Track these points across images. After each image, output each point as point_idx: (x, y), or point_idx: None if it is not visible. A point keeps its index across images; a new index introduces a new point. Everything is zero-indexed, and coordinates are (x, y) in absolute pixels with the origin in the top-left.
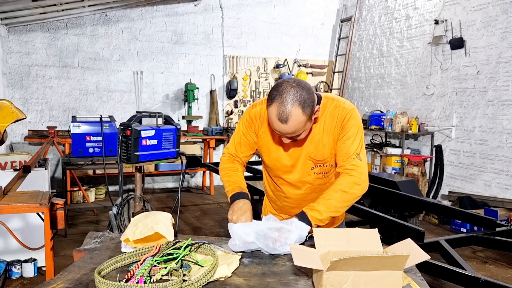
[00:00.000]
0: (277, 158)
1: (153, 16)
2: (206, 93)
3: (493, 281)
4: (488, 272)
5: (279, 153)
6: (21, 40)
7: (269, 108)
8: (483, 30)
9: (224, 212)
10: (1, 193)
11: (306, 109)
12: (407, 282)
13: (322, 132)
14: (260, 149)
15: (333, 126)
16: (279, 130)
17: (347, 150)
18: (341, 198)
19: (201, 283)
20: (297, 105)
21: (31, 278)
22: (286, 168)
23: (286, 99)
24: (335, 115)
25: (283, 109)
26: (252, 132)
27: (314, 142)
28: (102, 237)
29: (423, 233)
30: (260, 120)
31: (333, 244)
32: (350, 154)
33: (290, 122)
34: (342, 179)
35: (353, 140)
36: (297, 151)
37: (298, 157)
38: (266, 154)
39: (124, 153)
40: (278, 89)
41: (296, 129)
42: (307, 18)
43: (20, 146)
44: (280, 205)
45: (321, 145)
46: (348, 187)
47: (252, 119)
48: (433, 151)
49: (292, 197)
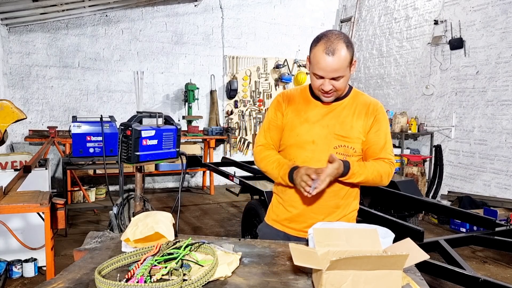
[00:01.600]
0: (299, 133)
1: (153, 17)
2: (206, 93)
3: (493, 280)
4: (487, 271)
5: (302, 129)
6: (21, 40)
7: (315, 48)
8: (482, 30)
9: (224, 212)
10: (2, 193)
11: (349, 48)
12: (406, 281)
13: (352, 114)
14: (284, 127)
15: (365, 113)
16: (325, 66)
17: (384, 144)
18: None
19: (201, 283)
20: (342, 42)
21: (31, 278)
22: (307, 145)
23: (332, 36)
24: (368, 104)
25: (329, 43)
26: (280, 113)
27: (342, 120)
28: (103, 236)
29: (423, 233)
30: (287, 99)
31: (332, 243)
32: (388, 149)
33: (336, 55)
34: (383, 164)
35: (387, 136)
36: (322, 128)
37: (321, 134)
38: (288, 131)
39: (125, 153)
40: (323, 33)
41: (340, 65)
42: (307, 19)
43: (21, 146)
44: (290, 192)
45: (349, 126)
46: (384, 173)
47: (279, 101)
48: (432, 151)
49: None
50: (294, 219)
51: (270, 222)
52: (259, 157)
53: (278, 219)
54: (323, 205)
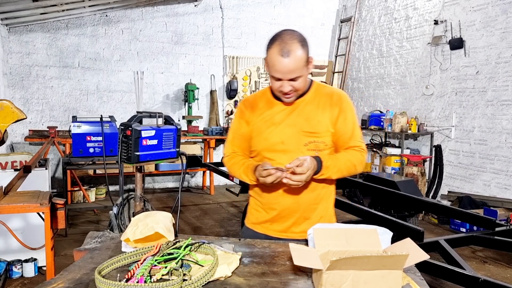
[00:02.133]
0: (267, 137)
1: (153, 17)
2: (206, 93)
3: (493, 280)
4: (487, 271)
5: (269, 132)
6: (21, 40)
7: (270, 50)
8: (482, 30)
9: (224, 211)
10: (2, 193)
11: (304, 47)
12: (406, 281)
13: (316, 108)
14: (251, 135)
15: (330, 105)
16: (281, 68)
17: (352, 132)
18: (348, 168)
19: (201, 283)
20: (296, 42)
21: (31, 278)
22: (277, 147)
23: (285, 37)
24: (331, 95)
25: (283, 45)
26: (243, 121)
27: (307, 116)
28: (103, 236)
29: (423, 233)
30: (250, 106)
31: (332, 243)
32: (357, 137)
33: (291, 56)
34: (354, 153)
35: (355, 124)
36: (289, 127)
37: (290, 134)
38: (256, 137)
39: (125, 153)
40: (276, 34)
41: (297, 66)
42: (307, 19)
43: (21, 146)
44: (268, 195)
45: (316, 121)
46: (357, 161)
47: (242, 110)
48: (432, 151)
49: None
50: (275, 220)
51: (250, 225)
52: (228, 166)
53: (258, 221)
54: (302, 203)
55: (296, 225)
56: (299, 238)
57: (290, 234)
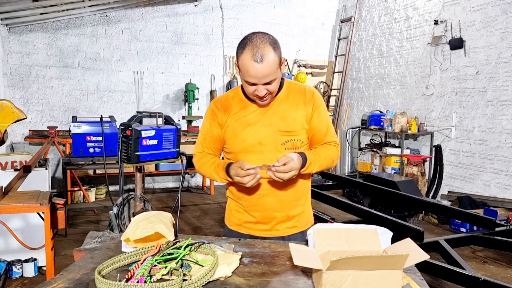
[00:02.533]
0: (243, 139)
1: (153, 17)
2: (206, 93)
3: (493, 280)
4: (487, 271)
5: (246, 133)
6: (21, 40)
7: (242, 56)
8: (482, 30)
9: (224, 212)
10: (2, 193)
11: (276, 50)
12: (406, 281)
13: (290, 106)
14: (226, 137)
15: (303, 102)
16: (255, 73)
17: (326, 128)
18: (327, 162)
19: (201, 283)
20: (268, 45)
21: (31, 278)
22: (254, 148)
23: (257, 41)
24: (303, 92)
25: (256, 49)
26: (215, 123)
27: (282, 115)
28: (103, 236)
29: (423, 233)
30: (223, 107)
31: (332, 243)
32: (331, 132)
33: (265, 61)
34: (331, 148)
35: (328, 120)
36: (265, 127)
37: (266, 134)
38: (232, 138)
39: (125, 153)
40: (246, 38)
41: (271, 70)
42: (307, 19)
43: (21, 146)
44: (248, 198)
45: (291, 119)
46: (334, 156)
47: (213, 111)
48: (432, 151)
49: (263, 183)
50: (259, 221)
51: (233, 227)
52: (197, 166)
53: (240, 222)
54: (284, 202)
55: (280, 223)
56: (284, 235)
57: (275, 232)
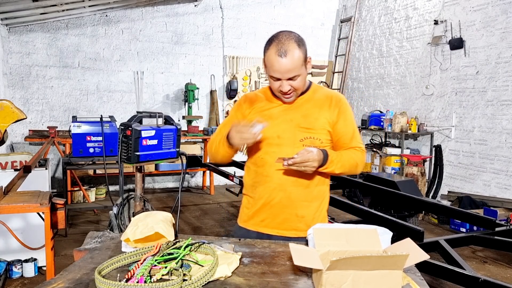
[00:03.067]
0: (262, 131)
1: (153, 17)
2: (206, 93)
3: (493, 280)
4: (487, 271)
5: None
6: (21, 40)
7: (268, 51)
8: (482, 30)
9: (224, 211)
10: (2, 193)
11: (301, 46)
12: (406, 281)
13: (314, 107)
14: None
15: (328, 105)
16: (279, 68)
17: (352, 133)
18: (350, 166)
19: (201, 283)
20: (293, 42)
21: (31, 278)
22: (272, 141)
23: (282, 38)
24: (330, 96)
25: (281, 45)
26: (240, 114)
27: (305, 113)
28: (103, 236)
29: (423, 233)
30: (250, 101)
31: (332, 243)
32: (357, 138)
33: (289, 55)
34: (356, 152)
35: (354, 126)
36: (285, 123)
37: (285, 128)
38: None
39: (125, 153)
40: (273, 35)
41: (294, 66)
42: (306, 19)
43: (21, 146)
44: (260, 191)
45: (313, 118)
46: (359, 160)
47: (240, 103)
48: (432, 151)
49: (273, 176)
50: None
51: (241, 224)
52: (209, 146)
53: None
54: (294, 199)
55: (288, 222)
56: (291, 236)
57: (282, 231)
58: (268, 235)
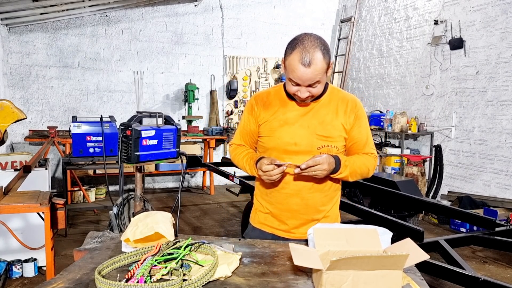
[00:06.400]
0: (279, 137)
1: (153, 17)
2: (206, 93)
3: (493, 280)
4: (487, 271)
5: (282, 131)
6: (21, 40)
7: (290, 56)
8: (482, 30)
9: (224, 211)
10: (2, 193)
11: (326, 55)
12: (406, 281)
13: (331, 112)
14: (262, 133)
15: (344, 111)
16: (301, 76)
17: (366, 139)
18: (362, 171)
19: (201, 283)
20: (318, 50)
21: (31, 278)
22: (289, 147)
23: (308, 44)
24: (346, 101)
25: (305, 53)
26: (253, 118)
27: (322, 120)
28: (103, 236)
29: (423, 233)
30: (262, 103)
31: (332, 243)
32: (370, 144)
33: (313, 65)
34: (368, 158)
35: (368, 131)
36: (302, 129)
37: (303, 135)
38: (268, 135)
39: (125, 153)
40: (298, 38)
41: (317, 74)
42: (306, 19)
43: (21, 146)
44: (275, 197)
45: (330, 125)
46: (371, 167)
47: (252, 105)
48: (432, 151)
49: (290, 182)
50: (282, 221)
51: (257, 225)
52: (233, 154)
53: (265, 221)
54: (311, 205)
55: (304, 226)
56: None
57: (298, 234)
58: (284, 239)
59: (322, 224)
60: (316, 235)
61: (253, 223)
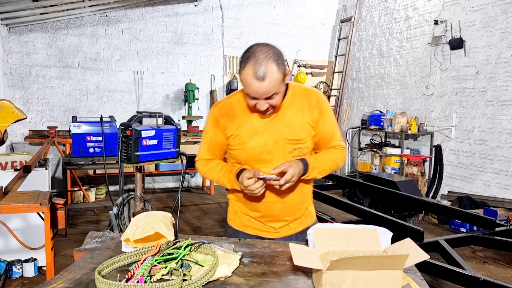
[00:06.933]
0: (252, 147)
1: (153, 17)
2: (206, 93)
3: (493, 280)
4: (487, 271)
5: (253, 142)
6: (21, 40)
7: (244, 71)
8: (482, 30)
9: (224, 212)
10: (2, 193)
11: (280, 66)
12: (406, 281)
13: (296, 112)
14: (233, 146)
15: (309, 108)
16: (257, 90)
17: (332, 132)
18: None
19: (201, 283)
20: (272, 61)
21: (31, 278)
22: (263, 156)
23: (260, 57)
24: (308, 96)
25: (258, 66)
26: (220, 131)
27: (289, 123)
28: (103, 237)
29: (423, 233)
30: (226, 114)
31: (332, 243)
32: (336, 136)
33: (267, 79)
34: (336, 151)
35: (334, 124)
36: (272, 136)
37: (274, 142)
38: (239, 147)
39: (125, 153)
40: (250, 51)
41: (273, 87)
42: (306, 19)
43: (21, 146)
44: (257, 205)
45: (297, 127)
46: (339, 160)
47: (216, 117)
48: (432, 151)
49: (270, 189)
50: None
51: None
52: (204, 171)
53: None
54: (292, 207)
55: (288, 225)
56: (291, 234)
57: (282, 233)
58: (269, 238)
59: (322, 224)
60: (316, 235)
61: (234, 226)
